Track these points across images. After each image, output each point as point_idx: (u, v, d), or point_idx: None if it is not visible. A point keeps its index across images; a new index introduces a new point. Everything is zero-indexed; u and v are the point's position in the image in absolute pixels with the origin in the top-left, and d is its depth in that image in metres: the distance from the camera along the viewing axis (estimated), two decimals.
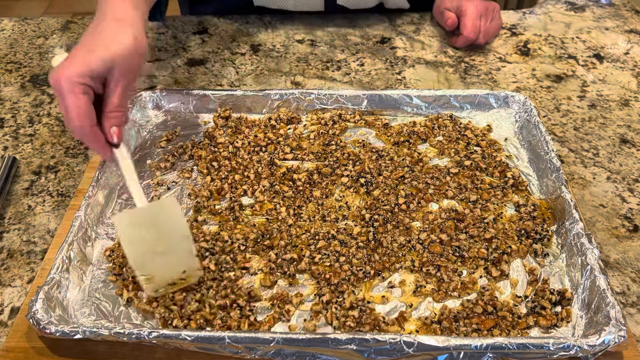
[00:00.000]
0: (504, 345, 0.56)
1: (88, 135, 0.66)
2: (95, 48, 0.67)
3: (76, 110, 0.64)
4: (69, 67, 0.65)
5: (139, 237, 0.63)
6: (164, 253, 0.63)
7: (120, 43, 0.68)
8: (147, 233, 0.63)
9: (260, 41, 1.12)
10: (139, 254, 0.63)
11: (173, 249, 0.64)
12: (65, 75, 0.64)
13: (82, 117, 0.65)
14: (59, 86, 0.64)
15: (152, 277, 0.63)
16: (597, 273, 0.62)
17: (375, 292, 0.66)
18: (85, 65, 0.65)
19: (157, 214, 0.65)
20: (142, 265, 0.62)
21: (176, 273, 0.64)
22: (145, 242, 0.63)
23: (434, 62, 1.06)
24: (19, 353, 0.60)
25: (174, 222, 0.64)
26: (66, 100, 0.64)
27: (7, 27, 1.17)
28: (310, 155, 0.83)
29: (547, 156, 0.78)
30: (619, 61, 1.05)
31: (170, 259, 0.64)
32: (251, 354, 0.58)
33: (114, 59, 0.67)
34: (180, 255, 0.64)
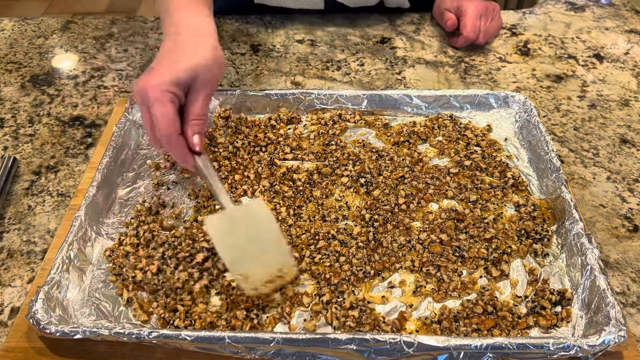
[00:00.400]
0: (504, 345, 0.56)
1: (174, 143, 0.68)
2: (179, 59, 0.70)
3: (165, 118, 0.66)
4: (156, 77, 0.67)
5: (232, 239, 0.65)
6: (257, 253, 0.65)
7: (201, 54, 0.71)
8: (239, 235, 0.65)
9: (260, 41, 1.12)
10: (234, 256, 0.64)
11: (266, 249, 0.65)
12: (153, 84, 0.66)
13: (170, 125, 0.67)
14: (145, 95, 0.66)
15: (248, 277, 0.64)
16: (597, 273, 0.62)
17: (375, 292, 0.66)
18: (173, 75, 0.68)
19: (246, 216, 0.67)
20: (237, 266, 0.64)
21: (271, 271, 0.65)
22: (238, 243, 0.65)
23: (434, 62, 1.06)
24: (19, 353, 0.60)
25: (264, 223, 0.66)
26: (154, 109, 0.66)
27: (7, 27, 1.17)
28: (310, 155, 0.83)
29: (547, 156, 0.78)
30: (619, 61, 1.05)
31: (264, 259, 0.65)
32: (251, 354, 0.58)
33: (197, 69, 0.70)
34: (273, 254, 0.65)
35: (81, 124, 0.92)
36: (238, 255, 0.64)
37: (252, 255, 0.65)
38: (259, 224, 0.66)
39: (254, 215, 0.67)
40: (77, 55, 1.08)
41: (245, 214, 0.68)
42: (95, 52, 1.09)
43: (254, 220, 0.66)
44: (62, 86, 1.01)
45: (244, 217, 0.67)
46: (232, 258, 0.64)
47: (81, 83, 1.01)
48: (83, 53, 1.09)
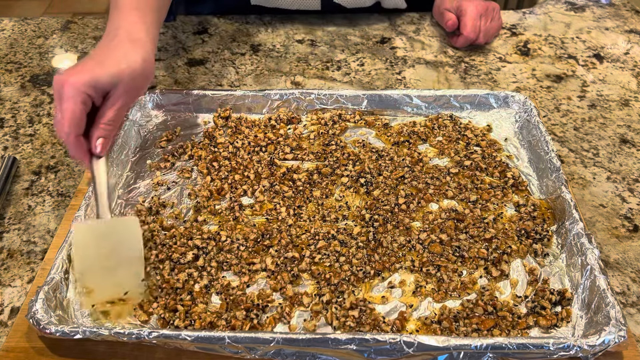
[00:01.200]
0: (504, 345, 0.56)
1: (72, 143, 0.68)
2: (105, 62, 0.70)
3: (70, 116, 0.66)
4: (76, 75, 0.67)
5: (92, 250, 0.65)
6: (111, 270, 0.65)
7: (130, 62, 0.71)
8: (101, 248, 0.65)
9: (260, 41, 1.12)
10: (86, 265, 0.64)
11: (122, 267, 0.65)
12: (71, 82, 0.66)
13: (72, 125, 0.67)
14: (60, 89, 0.66)
15: (92, 290, 0.64)
16: (597, 273, 0.62)
17: (375, 293, 0.66)
18: (93, 77, 0.68)
19: (116, 231, 0.67)
20: (85, 278, 0.64)
21: (117, 293, 0.64)
22: (96, 255, 0.65)
23: (434, 62, 1.06)
24: (19, 353, 0.60)
25: (131, 241, 0.66)
26: (63, 105, 0.66)
27: (7, 27, 1.17)
28: (310, 155, 0.83)
29: (547, 156, 0.77)
30: (619, 61, 1.05)
31: (116, 278, 0.65)
32: (251, 354, 0.58)
33: (121, 76, 0.70)
34: (127, 276, 0.65)
35: None
36: (91, 268, 0.64)
37: (106, 271, 0.65)
38: (124, 242, 0.66)
39: (123, 232, 0.67)
40: (77, 55, 1.08)
41: (115, 229, 0.67)
42: None
43: (122, 237, 0.66)
44: None
45: (113, 231, 0.67)
46: (83, 269, 0.64)
47: None
48: (83, 53, 1.09)
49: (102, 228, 0.67)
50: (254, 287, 0.67)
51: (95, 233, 0.66)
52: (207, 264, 0.68)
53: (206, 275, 0.67)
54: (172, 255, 0.69)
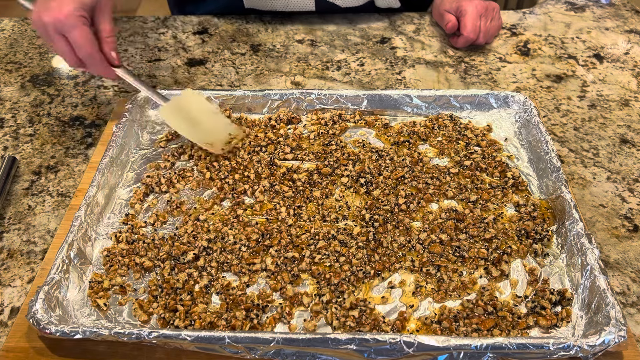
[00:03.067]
0: (504, 345, 0.56)
1: (97, 60, 0.77)
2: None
3: (84, 39, 0.74)
4: (63, 6, 0.73)
5: (184, 121, 0.82)
6: (207, 127, 0.82)
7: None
8: (186, 117, 0.82)
9: (260, 41, 1.12)
10: (191, 132, 0.81)
11: (212, 123, 0.83)
12: (66, 12, 0.73)
13: (91, 45, 0.75)
14: (60, 23, 0.73)
15: (212, 143, 0.81)
16: (597, 273, 0.62)
17: (375, 293, 0.66)
18: (79, 2, 0.75)
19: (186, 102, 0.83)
20: (199, 138, 0.81)
21: (225, 136, 0.82)
22: (190, 123, 0.82)
23: (434, 62, 1.06)
24: (19, 353, 0.60)
25: (201, 105, 0.84)
26: (73, 33, 0.74)
27: (7, 27, 1.17)
28: (310, 155, 0.83)
29: (547, 156, 0.77)
30: (619, 61, 1.05)
31: (215, 128, 0.83)
32: (251, 354, 0.58)
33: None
34: (219, 125, 0.83)
35: (81, 124, 0.92)
36: (197, 132, 0.81)
37: (206, 128, 0.82)
38: (198, 107, 0.83)
39: (192, 101, 0.83)
40: None
41: (183, 101, 0.83)
42: None
43: (194, 104, 0.83)
44: (62, 86, 1.01)
45: (185, 103, 0.83)
46: (193, 135, 0.81)
47: (81, 83, 1.01)
48: None
49: (175, 105, 0.83)
50: (254, 287, 0.67)
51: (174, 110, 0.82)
52: (207, 264, 0.68)
53: (206, 275, 0.67)
54: (174, 252, 0.69)
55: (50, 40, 0.77)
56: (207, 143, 0.81)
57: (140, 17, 1.19)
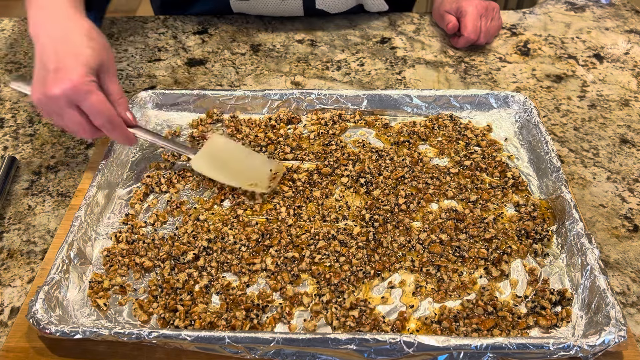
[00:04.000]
0: (504, 345, 0.56)
1: (117, 124, 0.72)
2: (78, 51, 0.70)
3: (102, 104, 0.69)
4: (71, 73, 0.68)
5: (219, 167, 0.78)
6: (244, 169, 0.79)
7: (94, 39, 0.72)
8: (222, 163, 0.79)
9: (260, 41, 1.11)
10: (231, 177, 0.77)
11: (249, 163, 0.79)
12: (77, 79, 0.67)
13: (109, 108, 0.70)
14: (73, 93, 0.67)
15: (255, 183, 0.76)
16: (597, 273, 0.62)
17: (375, 293, 0.66)
18: (85, 66, 0.69)
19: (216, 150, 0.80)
20: (240, 181, 0.77)
21: (267, 172, 0.78)
22: (225, 168, 0.78)
23: (434, 62, 1.06)
24: (19, 353, 0.60)
25: (232, 148, 0.82)
26: (89, 100, 0.68)
27: (7, 27, 1.17)
28: (310, 155, 0.83)
29: (547, 156, 0.77)
30: (619, 61, 1.05)
31: (253, 168, 0.78)
32: (251, 354, 0.58)
33: (100, 53, 0.72)
34: (257, 163, 0.79)
35: None
36: (236, 175, 0.77)
37: (244, 170, 0.78)
38: (229, 150, 0.81)
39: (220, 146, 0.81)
40: None
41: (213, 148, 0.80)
42: None
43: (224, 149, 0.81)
44: None
45: (215, 150, 0.80)
46: (233, 178, 0.77)
47: None
48: None
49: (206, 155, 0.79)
50: (254, 287, 0.67)
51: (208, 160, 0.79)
52: (207, 264, 0.68)
53: (206, 275, 0.67)
54: (174, 252, 0.69)
55: (59, 116, 0.71)
56: (251, 184, 0.76)
57: (140, 17, 1.19)
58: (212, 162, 0.79)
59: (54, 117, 0.72)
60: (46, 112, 0.72)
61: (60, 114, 0.70)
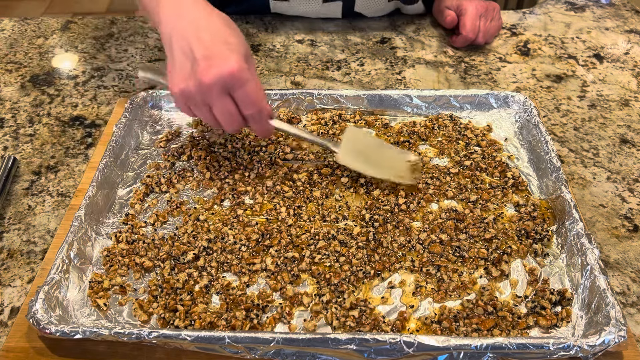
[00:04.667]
0: (504, 345, 0.56)
1: (265, 114, 0.70)
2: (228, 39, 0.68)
3: (258, 91, 0.68)
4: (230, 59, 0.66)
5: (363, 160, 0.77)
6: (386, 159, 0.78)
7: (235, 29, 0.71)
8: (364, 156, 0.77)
9: (260, 41, 1.11)
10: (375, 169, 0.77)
11: (387, 153, 0.79)
12: (237, 65, 0.65)
13: (263, 98, 0.69)
14: (233, 79, 0.65)
15: (399, 174, 0.76)
16: (597, 273, 0.62)
17: (375, 293, 0.66)
18: (239, 53, 0.67)
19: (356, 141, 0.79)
20: (384, 173, 0.76)
21: (406, 164, 0.78)
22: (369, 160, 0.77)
23: (434, 62, 1.06)
24: (19, 353, 0.60)
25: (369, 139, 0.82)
26: (247, 87, 0.66)
27: (7, 27, 1.17)
28: (310, 155, 0.83)
29: (547, 156, 0.78)
30: (619, 61, 1.05)
31: (393, 158, 0.78)
32: (251, 354, 0.58)
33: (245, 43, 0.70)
34: (394, 153, 0.79)
35: (81, 124, 0.92)
36: (378, 167, 0.77)
37: (384, 161, 0.77)
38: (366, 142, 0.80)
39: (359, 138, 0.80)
40: (77, 55, 1.08)
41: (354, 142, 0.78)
42: (95, 52, 1.09)
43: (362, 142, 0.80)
44: (62, 86, 1.01)
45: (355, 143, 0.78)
46: (376, 171, 0.77)
47: (81, 83, 1.01)
48: (83, 53, 1.09)
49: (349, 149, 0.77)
50: (254, 287, 0.67)
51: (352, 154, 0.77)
52: (207, 264, 0.68)
53: (206, 275, 0.67)
54: (174, 252, 0.69)
55: (206, 107, 0.68)
56: (398, 176, 0.76)
57: (140, 17, 1.19)
58: (357, 155, 0.77)
59: (200, 109, 0.69)
60: (191, 103, 0.69)
61: (211, 104, 0.67)
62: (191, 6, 0.72)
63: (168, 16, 0.72)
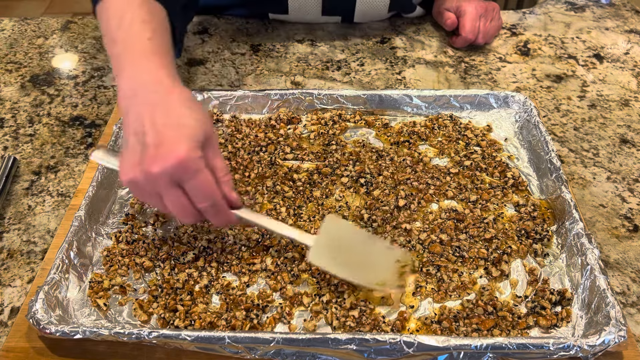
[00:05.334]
0: (504, 345, 0.56)
1: (221, 207, 0.62)
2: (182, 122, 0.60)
3: (209, 185, 0.60)
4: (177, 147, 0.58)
5: (338, 262, 0.64)
6: (366, 260, 0.65)
7: (196, 110, 0.62)
8: (342, 255, 0.65)
9: (260, 41, 1.12)
10: (358, 274, 0.64)
11: (370, 251, 0.66)
12: (185, 154, 0.57)
13: (215, 191, 0.61)
14: (180, 170, 0.57)
15: (384, 282, 0.64)
16: (597, 273, 0.62)
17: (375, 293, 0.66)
18: (192, 140, 0.59)
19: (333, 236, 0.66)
20: (368, 280, 0.64)
21: (394, 265, 0.65)
22: (350, 262, 0.64)
23: (434, 62, 1.06)
24: (19, 353, 0.60)
25: (348, 230, 0.68)
26: (196, 179, 0.59)
27: (7, 27, 1.17)
28: (310, 155, 0.83)
29: (547, 156, 0.78)
30: (619, 61, 1.05)
31: (376, 260, 0.65)
32: (251, 354, 0.58)
33: (204, 125, 0.61)
34: (380, 251, 0.66)
35: (81, 124, 0.92)
36: (360, 271, 0.64)
37: (366, 264, 0.65)
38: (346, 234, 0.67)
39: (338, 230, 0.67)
40: (77, 55, 1.09)
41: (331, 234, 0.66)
42: (95, 52, 1.09)
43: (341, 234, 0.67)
44: (62, 86, 1.01)
45: (333, 236, 0.66)
46: (358, 277, 0.64)
47: (81, 83, 1.01)
48: (83, 53, 1.09)
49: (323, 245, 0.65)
50: (254, 287, 0.67)
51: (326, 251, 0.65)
52: (207, 264, 0.68)
53: (206, 275, 0.67)
54: (174, 252, 0.69)
55: (157, 197, 0.60)
56: (378, 284, 0.64)
57: None
58: (334, 251, 0.65)
59: (151, 199, 0.62)
60: (141, 193, 0.61)
61: (160, 194, 0.60)
62: (151, 82, 0.63)
63: (124, 90, 0.64)
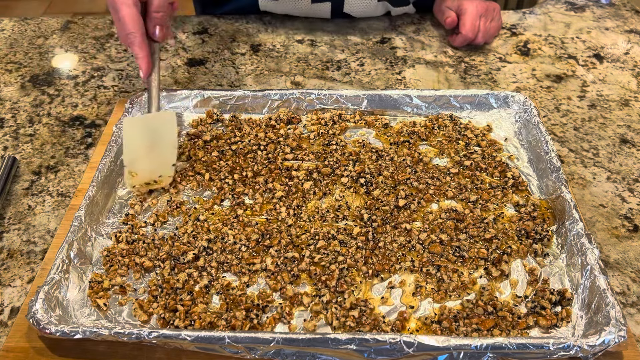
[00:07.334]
0: (504, 345, 0.56)
1: (138, 40, 0.76)
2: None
3: (129, 17, 0.75)
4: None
5: (139, 139, 0.77)
6: (152, 157, 0.77)
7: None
8: (145, 137, 0.77)
9: (260, 41, 1.11)
10: (134, 157, 0.76)
11: (161, 155, 0.77)
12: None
13: (134, 24, 0.76)
14: (112, 3, 0.76)
15: (136, 175, 0.75)
16: (597, 273, 0.62)
17: (375, 293, 0.66)
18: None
19: (157, 123, 0.79)
20: (132, 163, 0.76)
21: (154, 175, 0.76)
22: (141, 145, 0.77)
23: (434, 62, 1.06)
24: (19, 353, 0.60)
25: (168, 133, 0.78)
26: (120, 13, 0.75)
27: (7, 27, 1.17)
28: (310, 155, 0.83)
29: (547, 156, 0.77)
30: (619, 61, 1.05)
31: (155, 163, 0.77)
32: (251, 354, 0.58)
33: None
34: (163, 161, 0.77)
35: (81, 124, 0.92)
36: (138, 156, 0.76)
37: (148, 159, 0.77)
38: (163, 134, 0.78)
39: (163, 125, 0.79)
40: (77, 55, 1.09)
41: (157, 122, 0.79)
42: (95, 52, 1.09)
43: (162, 129, 0.78)
44: (62, 86, 1.01)
45: (155, 124, 0.79)
46: (132, 158, 0.76)
47: (81, 83, 1.01)
48: (83, 53, 1.09)
49: (147, 121, 0.79)
50: (254, 287, 0.67)
51: (142, 126, 0.78)
52: (207, 264, 0.68)
53: (206, 275, 0.67)
54: (174, 252, 0.69)
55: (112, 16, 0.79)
56: (132, 172, 0.76)
57: None
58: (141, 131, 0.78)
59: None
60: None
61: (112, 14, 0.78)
62: None
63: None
